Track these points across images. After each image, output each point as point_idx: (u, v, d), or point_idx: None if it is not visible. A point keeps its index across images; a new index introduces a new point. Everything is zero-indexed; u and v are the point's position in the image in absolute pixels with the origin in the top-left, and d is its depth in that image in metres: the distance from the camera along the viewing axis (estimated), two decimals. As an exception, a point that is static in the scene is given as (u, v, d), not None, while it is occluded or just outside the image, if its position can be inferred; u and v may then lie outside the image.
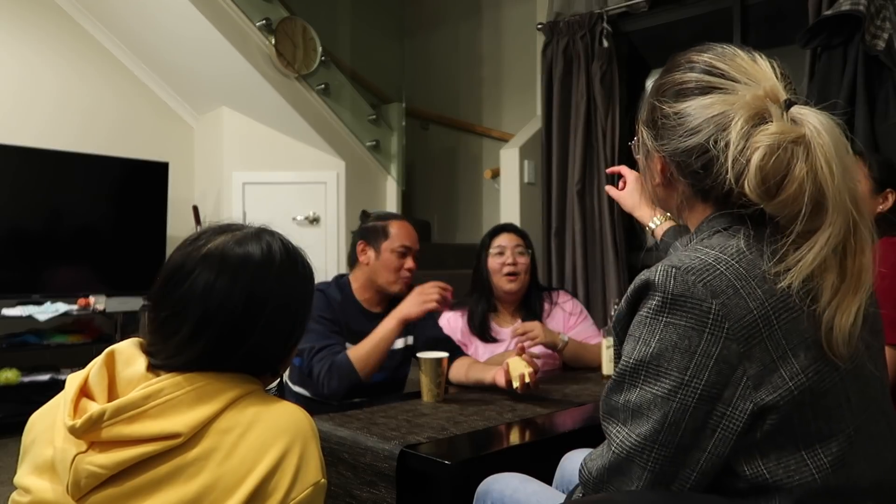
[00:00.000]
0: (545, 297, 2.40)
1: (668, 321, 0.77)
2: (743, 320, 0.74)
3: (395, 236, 2.04)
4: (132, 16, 3.89)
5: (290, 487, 0.81)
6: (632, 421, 0.78)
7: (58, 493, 0.81)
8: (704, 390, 0.74)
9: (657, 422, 0.76)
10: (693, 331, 0.75)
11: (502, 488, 1.23)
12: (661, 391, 0.76)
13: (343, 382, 1.83)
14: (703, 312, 0.75)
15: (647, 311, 0.79)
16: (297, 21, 4.02)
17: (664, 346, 0.76)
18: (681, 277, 0.77)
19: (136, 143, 4.16)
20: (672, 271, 0.78)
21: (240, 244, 0.92)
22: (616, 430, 0.80)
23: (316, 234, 4.05)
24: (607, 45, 3.40)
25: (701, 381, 0.74)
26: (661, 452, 0.76)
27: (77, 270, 3.67)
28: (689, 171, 0.85)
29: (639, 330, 0.80)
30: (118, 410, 0.80)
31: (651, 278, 0.79)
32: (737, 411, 0.74)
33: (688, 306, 0.75)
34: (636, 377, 0.79)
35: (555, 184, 3.53)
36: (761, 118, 0.79)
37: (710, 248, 0.80)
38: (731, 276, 0.76)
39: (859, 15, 2.55)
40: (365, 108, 4.42)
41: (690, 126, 0.84)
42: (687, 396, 0.75)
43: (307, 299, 1.00)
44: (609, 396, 0.82)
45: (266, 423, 0.84)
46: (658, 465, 0.77)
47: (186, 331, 0.87)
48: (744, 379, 0.74)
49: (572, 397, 1.83)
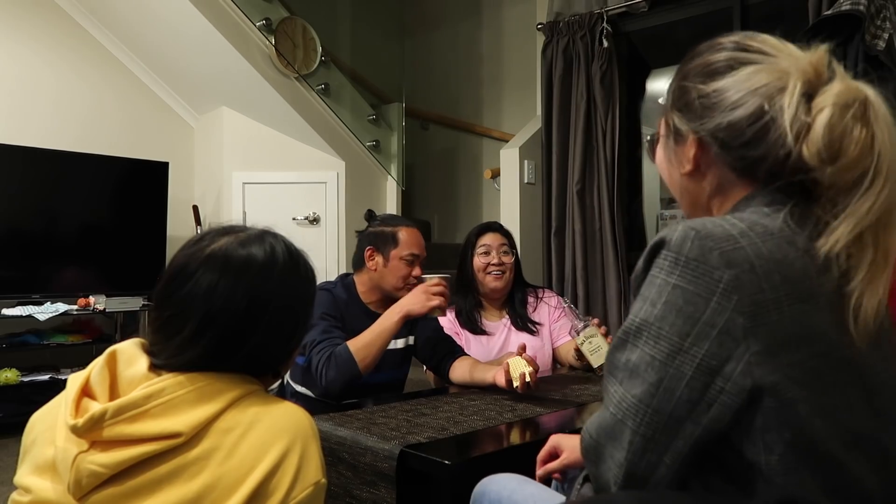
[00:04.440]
0: (530, 293, 2.46)
1: (676, 283, 0.74)
2: (753, 297, 0.71)
3: (404, 244, 2.03)
4: (132, 16, 3.89)
5: (291, 487, 0.82)
6: (629, 380, 0.76)
7: (59, 492, 0.81)
8: (704, 360, 0.72)
9: (652, 385, 0.74)
10: (700, 297, 0.73)
11: (499, 489, 1.22)
12: (659, 354, 0.74)
13: (341, 372, 1.80)
14: (713, 281, 0.72)
15: (656, 271, 0.77)
16: (297, 21, 4.02)
17: (668, 309, 0.74)
18: (698, 241, 0.74)
19: (136, 143, 4.16)
20: (691, 233, 0.75)
21: (243, 246, 0.92)
22: (614, 388, 0.78)
23: (316, 234, 4.05)
24: (607, 45, 3.40)
25: (701, 349, 0.72)
26: (653, 418, 0.74)
27: (77, 270, 3.67)
28: (739, 144, 0.81)
29: (647, 290, 0.78)
30: (120, 410, 0.81)
31: (667, 237, 0.77)
32: (736, 387, 0.71)
33: (699, 271, 0.73)
34: (638, 337, 0.77)
35: (555, 184, 3.53)
36: (817, 81, 0.78)
37: (739, 221, 0.76)
38: (752, 253, 0.73)
39: (859, 15, 2.55)
40: (365, 108, 4.42)
41: (735, 98, 0.81)
42: (684, 363, 0.73)
43: (309, 301, 1.00)
44: (613, 354, 0.81)
45: (267, 423, 0.84)
46: (650, 432, 0.74)
47: (189, 331, 0.87)
48: (746, 354, 0.71)
49: (572, 397, 1.83)
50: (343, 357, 1.81)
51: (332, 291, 2.02)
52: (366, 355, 1.83)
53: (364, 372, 1.83)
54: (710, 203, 0.88)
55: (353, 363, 1.81)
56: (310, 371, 1.97)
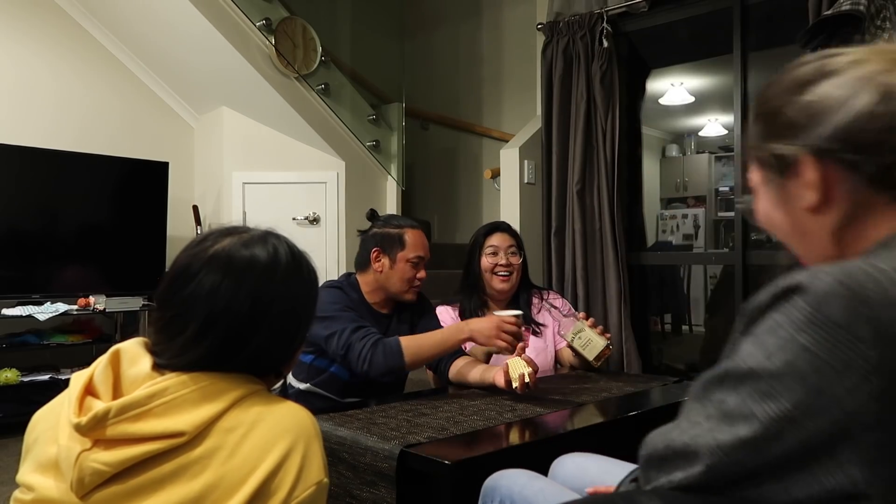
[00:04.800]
0: (535, 294, 2.45)
1: (805, 345, 0.60)
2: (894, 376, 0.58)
3: (410, 246, 2.03)
4: (132, 15, 3.89)
5: (293, 486, 0.82)
6: (718, 423, 0.65)
7: (62, 490, 0.82)
8: (814, 435, 0.60)
9: (742, 440, 0.63)
10: (834, 370, 0.59)
11: (510, 485, 1.22)
12: (762, 413, 0.62)
13: (389, 362, 1.81)
14: (856, 356, 0.58)
15: (782, 319, 0.63)
16: (297, 21, 4.02)
17: (788, 370, 0.61)
18: (849, 304, 0.60)
19: (136, 143, 4.16)
20: (840, 290, 0.60)
21: (246, 246, 0.93)
22: (699, 419, 0.67)
23: (316, 234, 4.05)
24: (607, 45, 3.40)
25: (813, 424, 0.60)
26: (730, 469, 0.65)
27: (77, 270, 3.67)
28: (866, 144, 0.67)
29: (766, 335, 0.64)
30: (123, 408, 0.81)
31: (807, 284, 0.62)
32: (837, 476, 0.60)
33: (840, 338, 0.59)
34: (741, 383, 0.64)
35: (555, 184, 3.53)
36: None
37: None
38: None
39: (859, 15, 2.55)
40: (365, 108, 4.42)
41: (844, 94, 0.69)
42: (788, 432, 0.61)
43: (311, 302, 1.01)
44: (709, 381, 0.68)
45: (269, 423, 0.85)
46: (721, 479, 0.66)
47: (191, 331, 0.88)
48: (864, 444, 0.59)
49: (572, 397, 1.84)
50: (393, 348, 1.82)
51: (342, 288, 2.03)
52: (416, 354, 1.84)
53: (408, 369, 1.85)
54: (843, 239, 0.73)
55: (400, 356, 1.82)
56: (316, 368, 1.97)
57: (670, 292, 4.34)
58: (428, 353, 1.86)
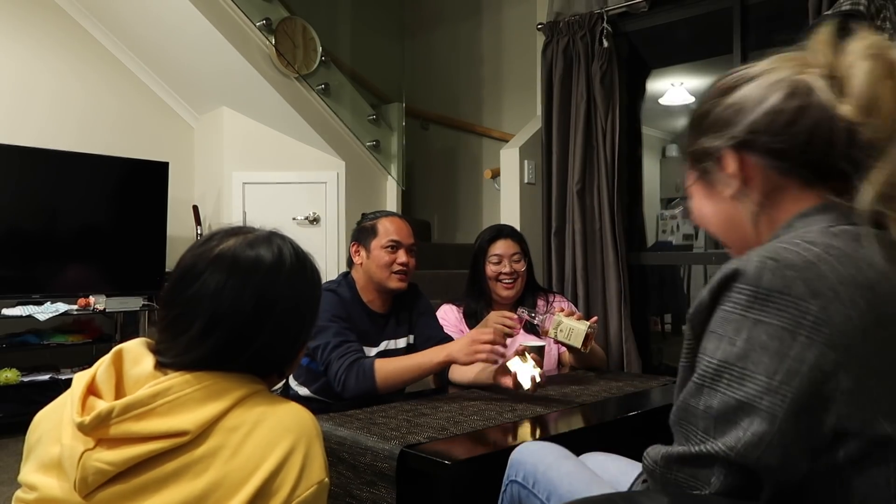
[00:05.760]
0: (540, 297, 2.44)
1: (758, 318, 0.68)
2: (842, 326, 0.67)
3: (383, 232, 2.05)
4: (132, 15, 3.89)
5: (295, 485, 0.82)
6: (714, 428, 0.70)
7: (65, 489, 0.82)
8: (794, 400, 0.66)
9: (743, 430, 0.68)
10: (786, 332, 0.67)
11: (536, 462, 1.21)
12: (746, 396, 0.68)
13: (360, 386, 1.80)
14: (800, 313, 0.67)
15: (732, 307, 0.71)
16: (297, 21, 4.02)
17: (751, 347, 0.68)
18: (779, 272, 0.69)
19: (135, 143, 4.16)
20: (768, 263, 0.69)
21: (251, 247, 0.93)
22: (693, 436, 0.72)
23: (316, 234, 4.05)
24: (607, 45, 3.41)
25: (791, 388, 0.66)
26: (741, 469, 0.68)
27: (77, 270, 3.67)
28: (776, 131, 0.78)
29: (722, 327, 0.71)
30: (127, 408, 0.81)
31: (740, 268, 0.71)
32: (821, 425, 0.67)
33: (782, 303, 0.67)
34: (717, 380, 0.70)
35: (555, 184, 3.53)
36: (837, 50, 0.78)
37: (812, 246, 0.71)
38: (834, 279, 0.68)
39: (859, 15, 2.55)
40: (365, 108, 4.42)
41: (760, 94, 0.80)
42: (775, 404, 0.66)
43: (315, 303, 1.01)
44: (687, 400, 0.73)
45: (272, 422, 0.85)
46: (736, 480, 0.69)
47: (196, 330, 0.88)
48: (836, 393, 0.66)
49: (573, 397, 1.84)
50: (367, 374, 1.80)
51: (336, 292, 2.02)
52: (388, 379, 1.81)
53: (382, 392, 1.82)
54: (759, 224, 0.83)
55: (373, 382, 1.80)
56: (313, 372, 1.97)
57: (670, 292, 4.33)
58: (402, 377, 1.83)
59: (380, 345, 2.07)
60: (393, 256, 2.03)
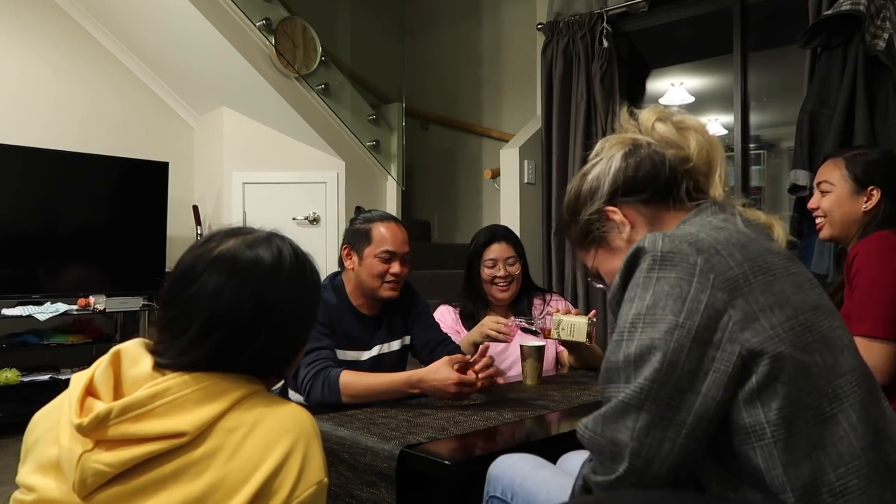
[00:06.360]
0: (537, 296, 2.44)
1: (659, 276, 0.84)
2: (725, 274, 0.83)
3: (377, 241, 1.93)
4: (132, 16, 3.89)
5: (295, 486, 0.82)
6: (634, 371, 0.82)
7: (63, 491, 0.82)
8: (697, 332, 0.80)
9: (658, 362, 0.80)
10: (683, 280, 0.83)
11: (511, 475, 1.23)
12: (658, 333, 0.81)
13: (325, 397, 1.72)
14: (690, 265, 0.84)
15: (639, 273, 0.86)
16: (297, 21, 4.02)
17: (658, 297, 0.83)
18: (668, 239, 0.86)
19: (136, 143, 4.17)
20: (660, 236, 0.87)
21: (251, 248, 0.93)
22: (616, 386, 0.83)
23: (316, 234, 4.05)
24: (607, 45, 3.41)
25: (694, 322, 0.81)
26: (659, 393, 0.80)
27: (77, 270, 3.67)
28: (631, 178, 1.02)
29: (633, 291, 0.86)
30: (125, 409, 0.81)
31: (640, 244, 0.88)
32: (726, 353, 0.80)
33: (676, 260, 0.84)
34: (633, 331, 0.83)
35: (555, 184, 3.53)
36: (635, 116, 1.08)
37: (692, 227, 0.92)
38: (712, 240, 0.86)
39: (859, 15, 2.56)
40: (365, 108, 4.42)
41: (605, 166, 1.05)
42: (682, 336, 0.80)
43: (314, 304, 1.01)
44: (608, 359, 0.85)
45: (270, 423, 0.85)
46: (654, 407, 0.80)
47: (194, 331, 0.88)
48: (730, 324, 0.81)
49: (573, 397, 1.84)
50: (332, 386, 1.72)
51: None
52: (356, 395, 1.72)
53: (349, 404, 1.73)
54: None
55: (338, 394, 1.72)
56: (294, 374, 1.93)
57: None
58: (370, 395, 1.72)
59: (372, 349, 2.01)
60: (386, 267, 1.93)
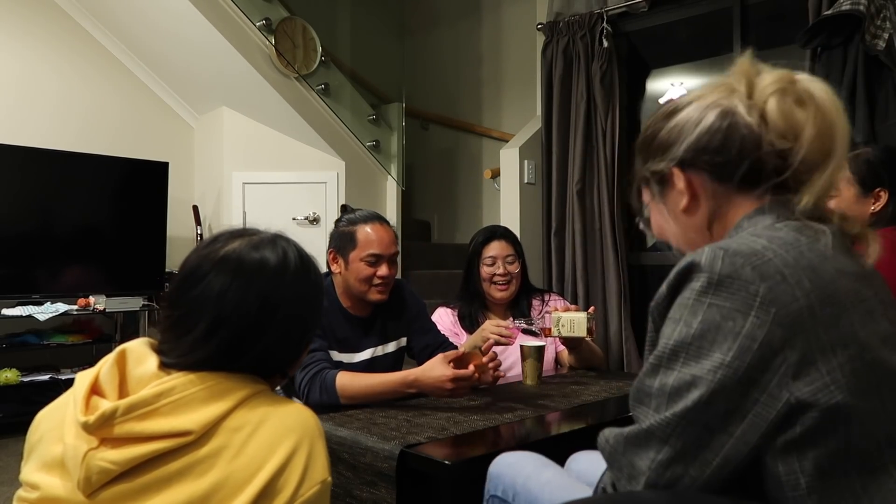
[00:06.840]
0: (536, 297, 2.43)
1: (711, 302, 0.75)
2: (789, 307, 0.73)
3: (363, 244, 1.89)
4: (132, 16, 3.89)
5: (299, 485, 0.83)
6: (667, 403, 0.75)
7: (68, 489, 0.82)
8: (745, 372, 0.72)
9: (693, 400, 0.73)
10: (738, 312, 0.74)
11: (514, 475, 1.20)
12: (701, 371, 0.74)
13: (323, 399, 1.72)
14: (749, 295, 0.74)
15: (689, 293, 0.77)
16: (297, 21, 4.02)
17: (707, 328, 0.75)
18: (728, 259, 0.76)
19: (136, 143, 4.17)
20: (720, 253, 0.77)
21: (256, 249, 0.94)
22: (647, 414, 0.77)
23: (316, 234, 4.05)
24: (607, 45, 3.41)
25: (743, 363, 0.72)
26: (686, 430, 0.74)
27: (77, 270, 3.67)
28: (714, 150, 0.87)
29: (679, 312, 0.78)
30: (131, 407, 0.82)
31: (697, 260, 0.78)
32: (772, 399, 0.72)
33: (734, 287, 0.75)
34: (675, 360, 0.76)
35: (555, 184, 3.53)
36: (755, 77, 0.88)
37: (758, 237, 0.79)
38: (779, 264, 0.75)
39: (859, 15, 2.55)
40: (365, 108, 4.42)
41: (696, 116, 0.89)
42: (727, 377, 0.72)
43: (318, 306, 1.02)
44: (643, 381, 0.79)
45: (275, 422, 0.85)
46: (680, 444, 0.74)
47: (199, 331, 0.89)
48: (783, 366, 0.72)
49: (573, 397, 1.84)
50: (328, 387, 1.72)
51: None
52: (353, 397, 1.72)
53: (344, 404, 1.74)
54: (712, 230, 0.91)
55: (335, 396, 1.72)
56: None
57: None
58: (367, 396, 1.73)
59: (364, 352, 1.98)
60: (373, 270, 1.89)
